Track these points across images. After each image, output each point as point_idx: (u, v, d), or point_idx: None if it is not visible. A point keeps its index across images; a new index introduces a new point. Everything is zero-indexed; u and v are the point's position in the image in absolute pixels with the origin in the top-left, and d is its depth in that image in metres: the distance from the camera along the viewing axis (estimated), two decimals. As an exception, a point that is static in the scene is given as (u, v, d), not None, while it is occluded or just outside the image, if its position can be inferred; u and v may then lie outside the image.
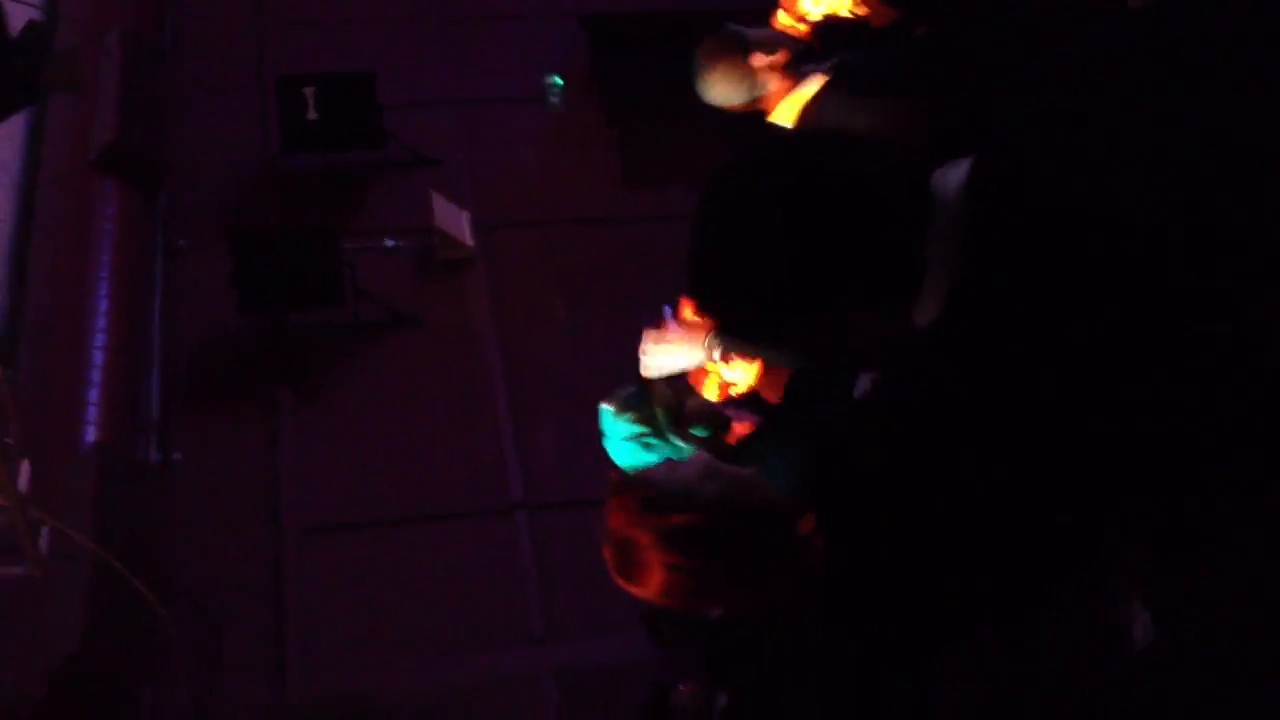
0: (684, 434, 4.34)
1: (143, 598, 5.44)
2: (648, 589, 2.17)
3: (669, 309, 7.22)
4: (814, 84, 3.96)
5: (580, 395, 7.46)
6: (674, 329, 5.27)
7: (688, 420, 4.48)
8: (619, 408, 4.39)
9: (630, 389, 4.55)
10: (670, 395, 4.52)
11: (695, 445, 4.29)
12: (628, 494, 2.29)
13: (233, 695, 6.29)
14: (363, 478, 7.24)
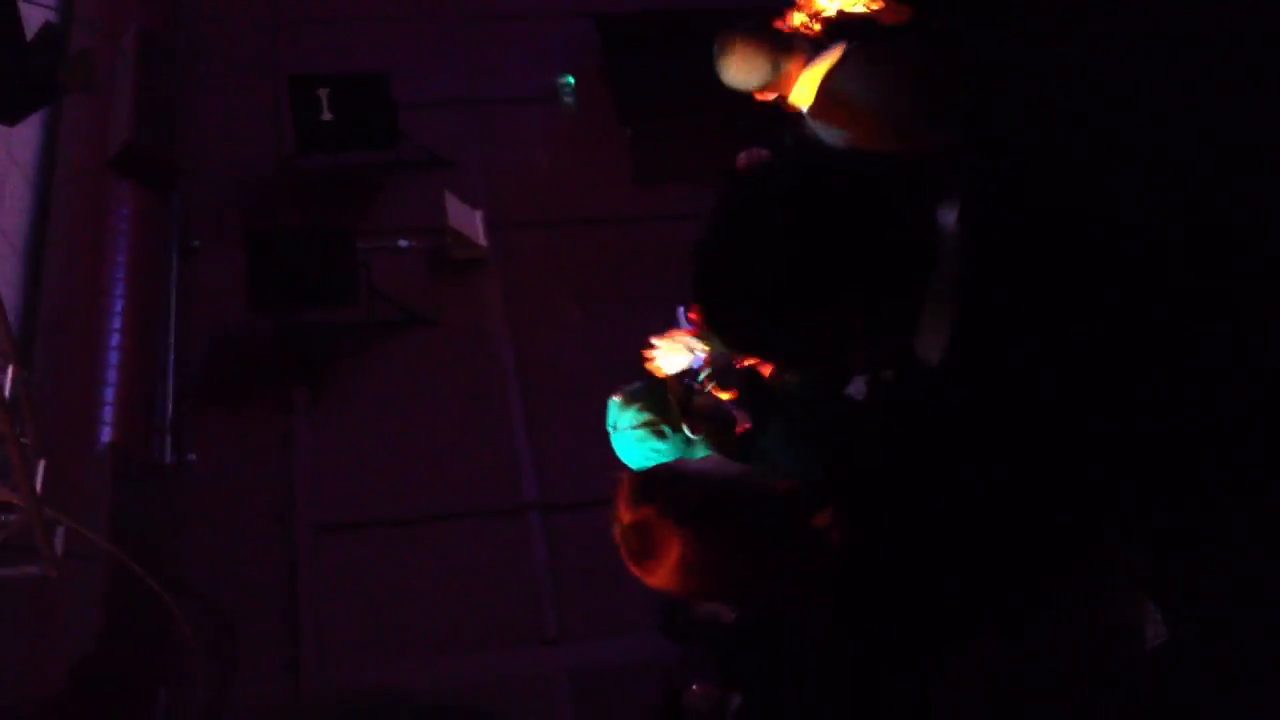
0: (693, 425, 4.39)
1: (157, 597, 5.47)
2: (662, 574, 2.16)
3: (682, 309, 7.24)
4: (832, 55, 3.92)
5: (593, 395, 7.45)
6: (683, 328, 5.35)
7: (695, 416, 4.55)
8: (626, 399, 4.45)
9: (638, 384, 4.61)
10: (681, 390, 4.58)
11: (702, 437, 4.33)
12: (645, 477, 2.31)
13: (246, 694, 6.31)
14: (376, 477, 7.24)
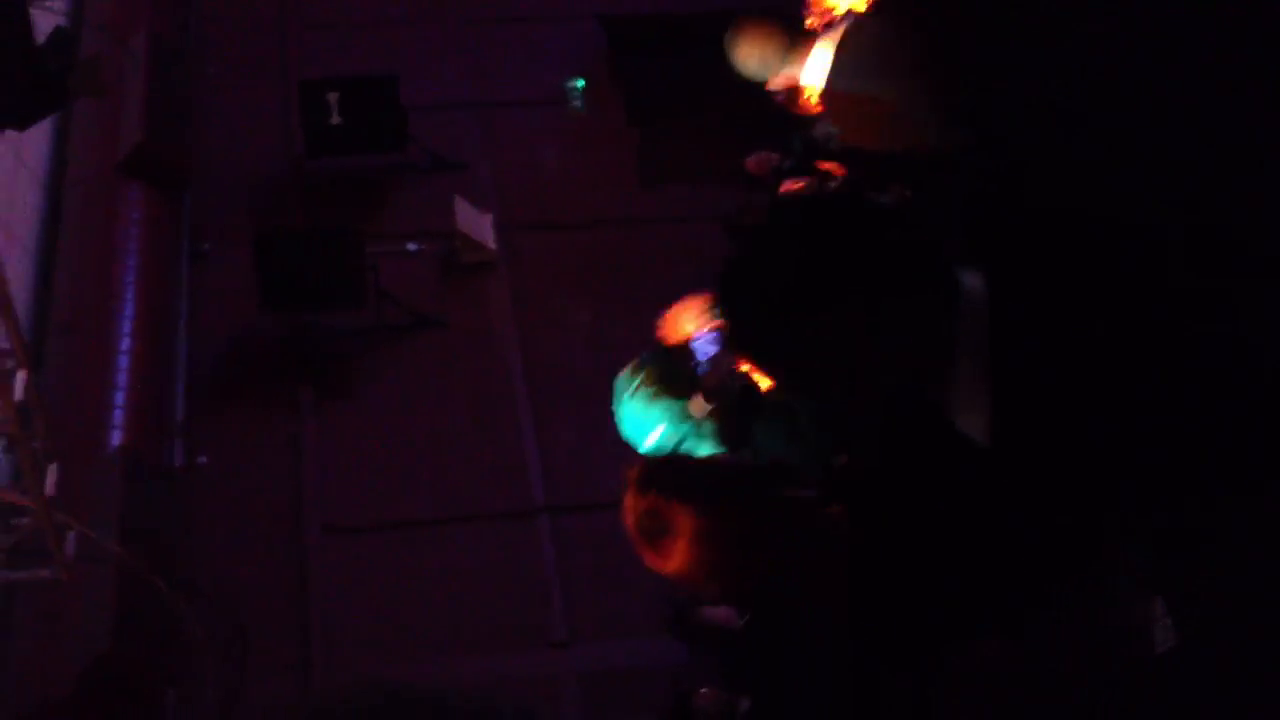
0: (699, 399, 4.45)
1: (168, 599, 5.49)
2: (674, 557, 2.16)
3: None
4: (844, 26, 3.87)
5: (601, 397, 7.46)
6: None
7: (702, 391, 4.63)
8: (634, 367, 4.52)
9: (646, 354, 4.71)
10: (689, 367, 4.68)
11: (708, 412, 4.39)
12: (658, 463, 2.35)
13: (257, 695, 6.33)
14: (385, 479, 7.26)
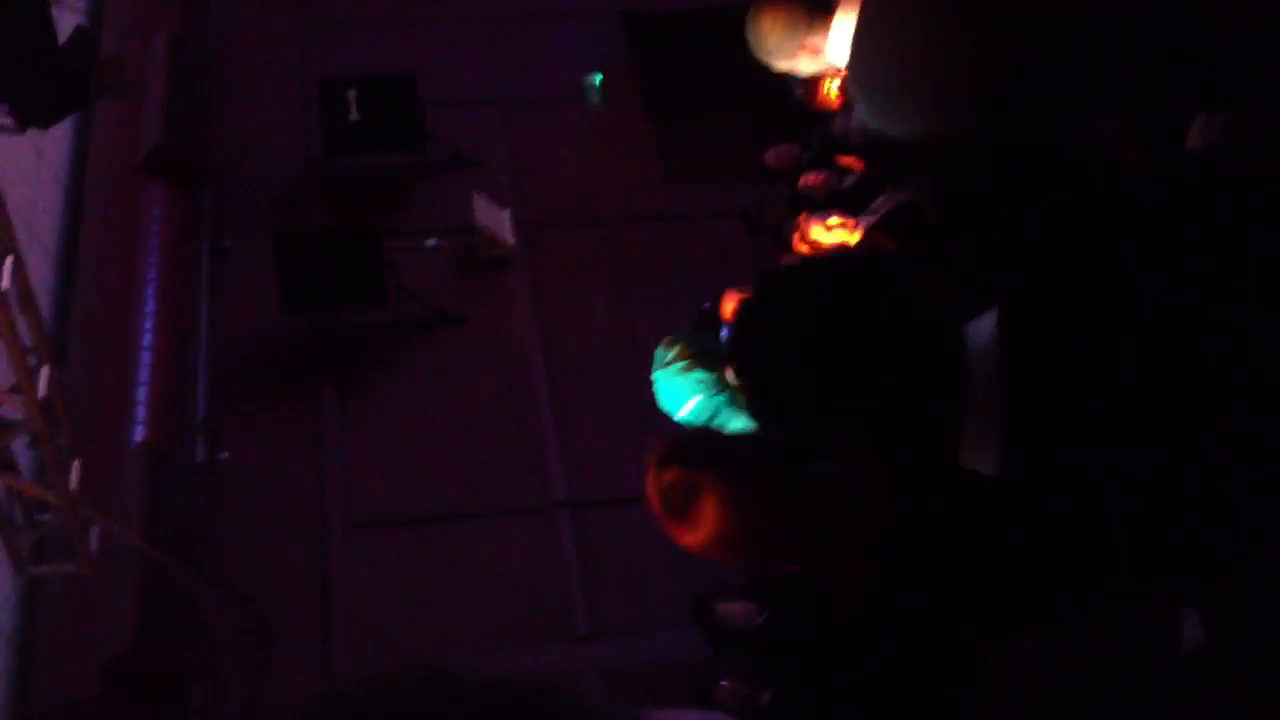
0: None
1: (191, 594, 5.52)
2: (699, 529, 2.12)
3: (708, 305, 7.25)
4: None
5: (621, 392, 7.51)
6: None
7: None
8: (670, 341, 4.71)
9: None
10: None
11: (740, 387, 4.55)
12: (684, 438, 2.34)
13: (280, 690, 6.35)
14: (406, 475, 7.28)
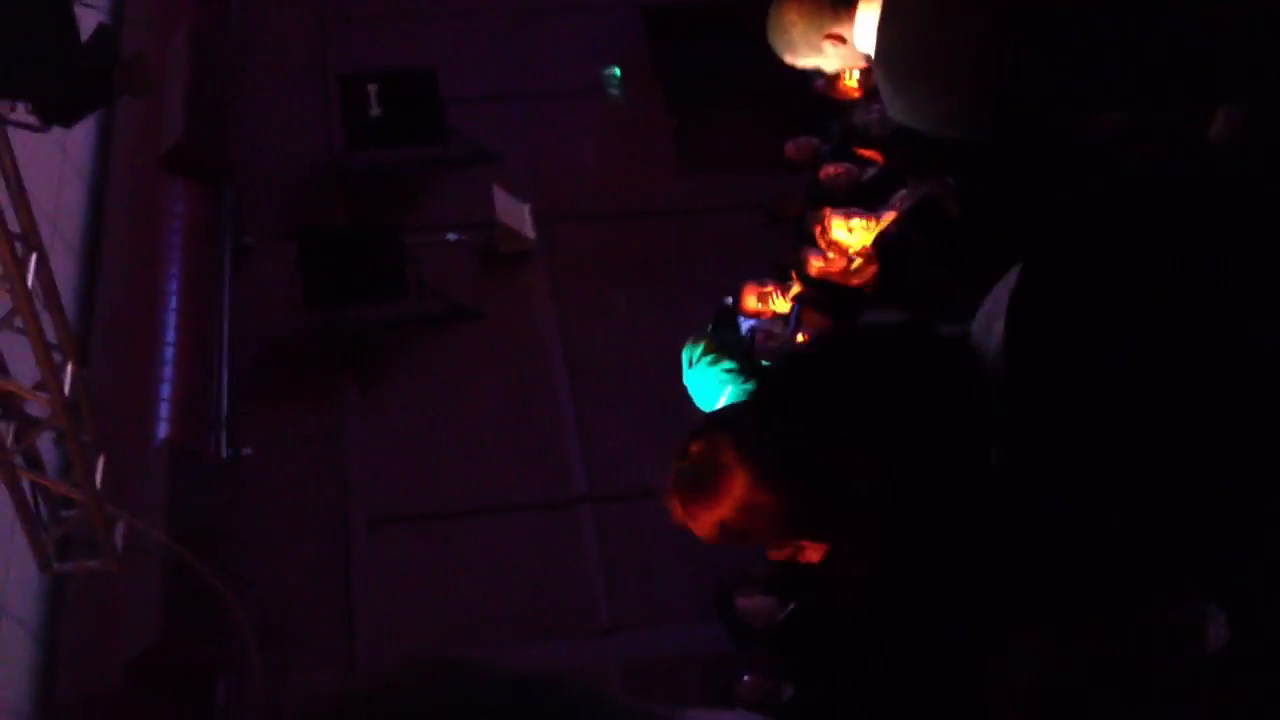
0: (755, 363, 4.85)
1: (215, 590, 5.54)
2: (716, 509, 2.11)
3: (729, 300, 7.24)
4: None
5: (641, 386, 7.51)
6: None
7: (758, 358, 5.16)
8: (696, 337, 4.90)
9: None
10: (747, 339, 5.48)
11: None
12: (706, 417, 2.37)
13: (303, 685, 6.38)
14: (428, 470, 7.30)
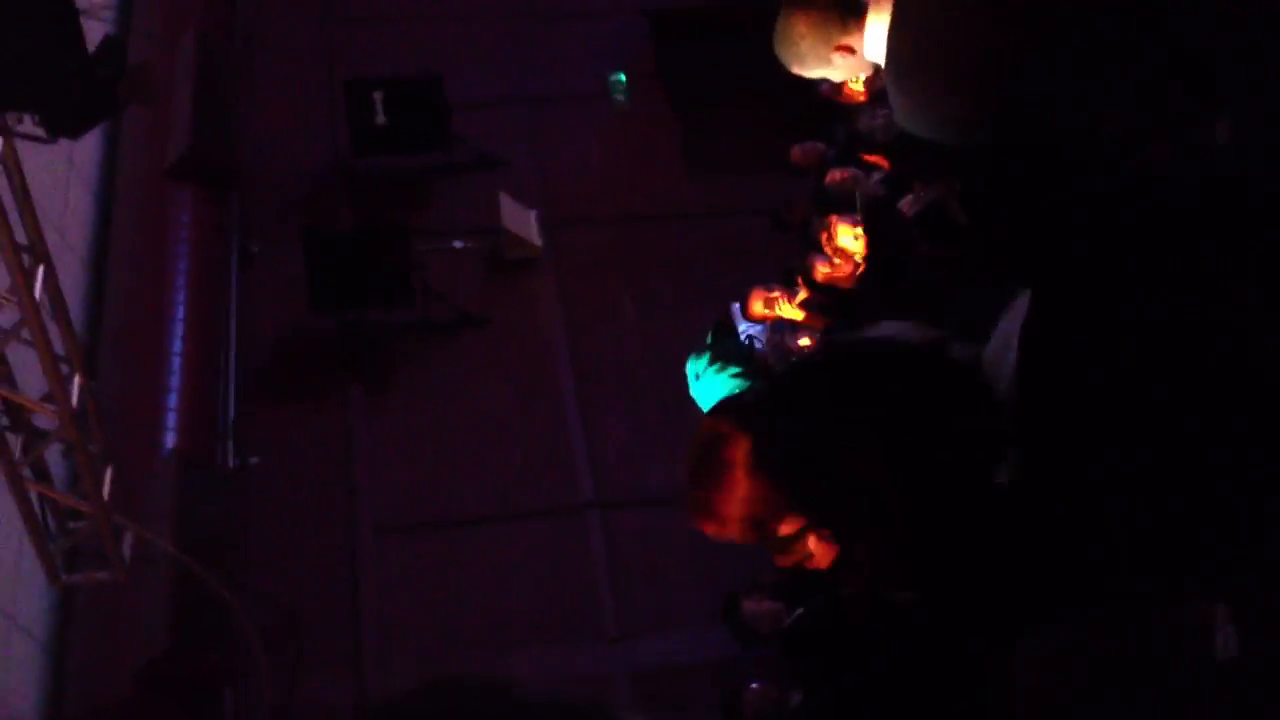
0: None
1: (223, 600, 5.54)
2: (730, 498, 2.12)
3: (737, 305, 7.24)
4: None
5: (649, 392, 7.51)
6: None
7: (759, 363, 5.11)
8: (699, 350, 4.89)
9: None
10: (748, 347, 5.46)
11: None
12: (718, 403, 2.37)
13: (311, 694, 6.38)
14: (434, 477, 7.30)
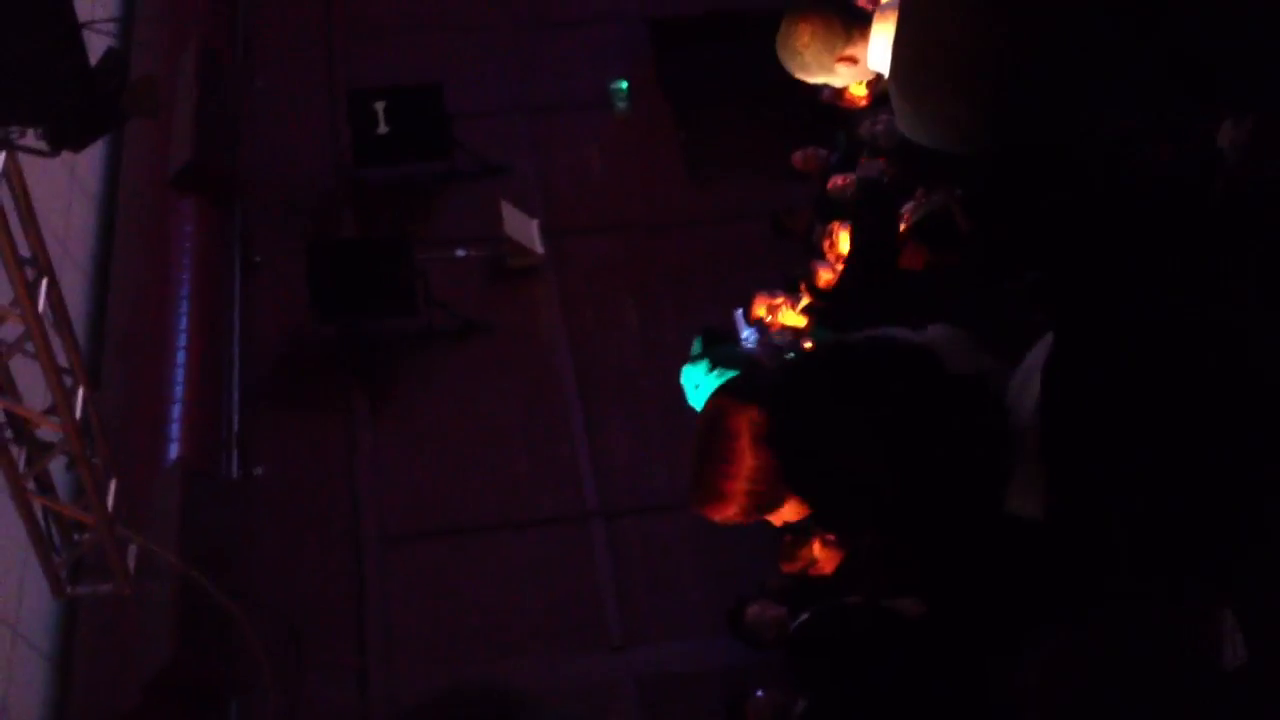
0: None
1: (228, 611, 5.55)
2: (734, 470, 2.12)
3: (739, 311, 7.24)
4: None
5: (652, 399, 7.50)
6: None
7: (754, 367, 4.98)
8: (694, 358, 4.80)
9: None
10: (743, 354, 5.43)
11: None
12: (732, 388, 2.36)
13: (316, 703, 6.39)
14: (439, 486, 7.31)
